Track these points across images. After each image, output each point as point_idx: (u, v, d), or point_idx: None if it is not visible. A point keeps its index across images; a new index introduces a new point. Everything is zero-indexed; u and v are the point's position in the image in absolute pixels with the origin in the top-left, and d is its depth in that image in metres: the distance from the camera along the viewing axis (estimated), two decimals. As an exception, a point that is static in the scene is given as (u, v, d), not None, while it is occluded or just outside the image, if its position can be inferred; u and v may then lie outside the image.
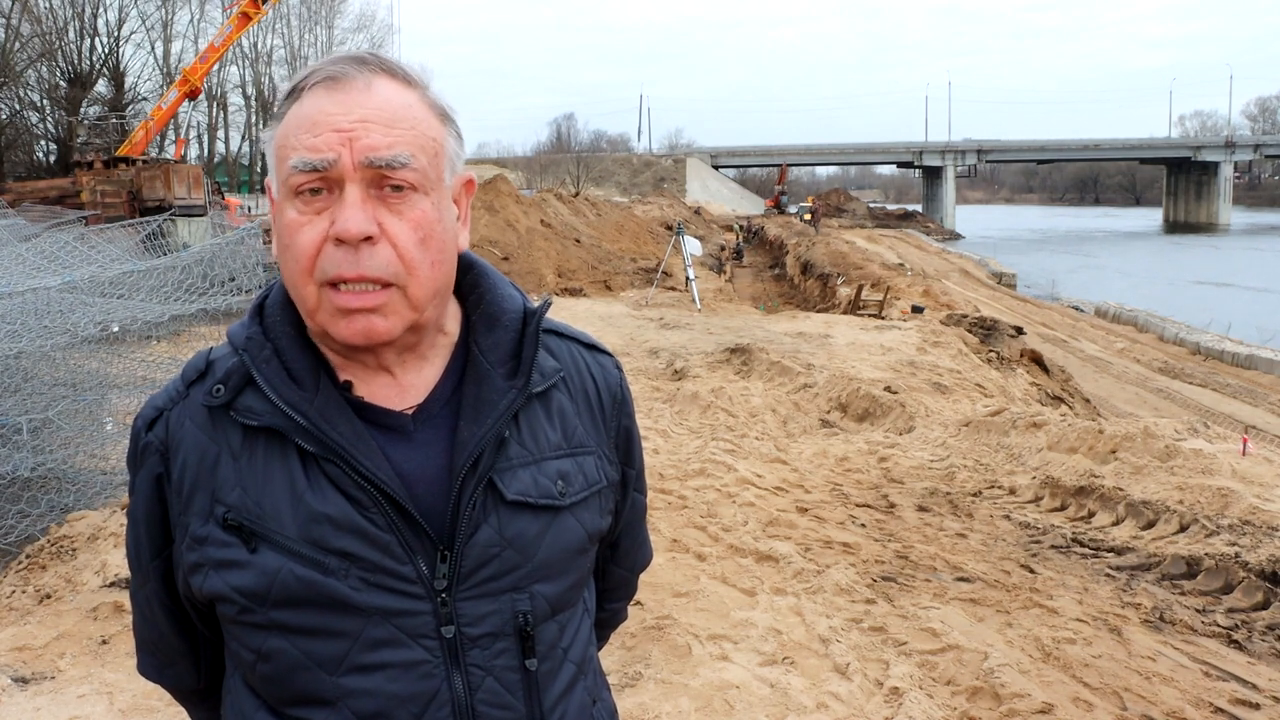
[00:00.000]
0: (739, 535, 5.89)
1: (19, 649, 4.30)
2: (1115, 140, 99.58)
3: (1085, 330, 25.38)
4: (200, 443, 1.14)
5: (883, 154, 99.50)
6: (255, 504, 1.10)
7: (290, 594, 1.09)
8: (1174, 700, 3.95)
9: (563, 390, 1.24)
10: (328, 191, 1.09)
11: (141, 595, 1.25)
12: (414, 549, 1.10)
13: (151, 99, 46.11)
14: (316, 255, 1.09)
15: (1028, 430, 8.47)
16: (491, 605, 1.13)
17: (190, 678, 1.30)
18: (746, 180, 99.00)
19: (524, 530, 1.15)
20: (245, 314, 1.21)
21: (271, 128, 1.14)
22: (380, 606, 1.09)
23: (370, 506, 1.10)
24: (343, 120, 1.08)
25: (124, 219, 21.52)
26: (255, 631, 1.12)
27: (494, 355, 1.18)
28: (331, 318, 1.10)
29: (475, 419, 1.15)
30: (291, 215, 1.10)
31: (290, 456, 1.11)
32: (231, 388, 1.13)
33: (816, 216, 50.36)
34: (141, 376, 7.61)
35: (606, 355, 1.34)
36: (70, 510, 5.89)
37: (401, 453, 1.13)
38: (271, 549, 1.09)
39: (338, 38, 70.95)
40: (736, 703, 3.88)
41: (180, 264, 7.79)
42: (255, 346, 1.14)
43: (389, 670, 1.10)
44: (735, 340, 13.75)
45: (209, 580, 1.12)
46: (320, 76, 1.11)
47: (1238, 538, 5.71)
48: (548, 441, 1.20)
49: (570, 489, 1.20)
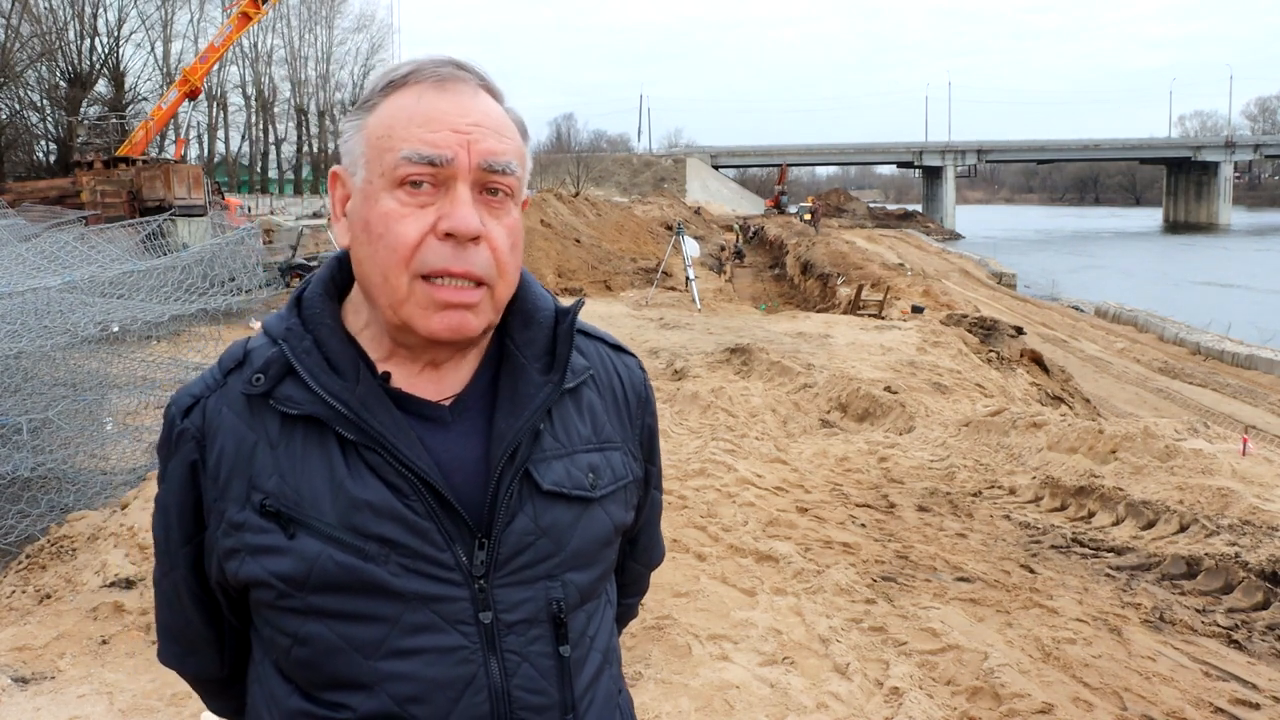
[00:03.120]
0: (739, 535, 5.89)
1: (19, 649, 4.30)
2: (1115, 140, 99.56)
3: (1085, 330, 25.38)
4: (238, 430, 1.15)
5: (883, 154, 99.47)
6: (293, 491, 1.12)
7: (330, 579, 1.10)
8: (1174, 700, 3.95)
9: (591, 387, 1.28)
10: (433, 187, 1.11)
11: (167, 582, 1.26)
12: (452, 536, 1.13)
13: (151, 99, 46.13)
14: (417, 248, 1.10)
15: (1028, 430, 8.47)
16: (527, 592, 1.15)
17: (214, 666, 1.31)
18: (746, 180, 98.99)
19: (558, 519, 1.18)
20: (285, 307, 1.22)
21: (357, 117, 1.16)
22: (419, 592, 1.11)
23: (410, 494, 1.12)
24: (460, 121, 1.12)
25: (124, 219, 21.53)
26: (293, 616, 1.13)
27: (529, 351, 1.21)
28: (422, 310, 1.12)
29: (512, 411, 1.18)
30: (391, 205, 1.11)
31: (329, 445, 1.13)
32: (271, 377, 1.14)
33: (816, 216, 50.31)
34: (141, 376, 7.62)
35: (631, 356, 1.38)
36: (70, 510, 5.89)
37: (439, 442, 1.15)
38: (310, 535, 1.11)
39: (337, 38, 71.01)
40: (736, 703, 3.88)
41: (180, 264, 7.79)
42: (295, 337, 1.16)
43: (427, 655, 1.12)
44: (735, 340, 13.75)
45: (245, 566, 1.13)
46: (427, 76, 1.14)
47: (1238, 538, 5.71)
48: (579, 435, 1.23)
49: (600, 481, 1.23)
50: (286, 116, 68.20)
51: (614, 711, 1.27)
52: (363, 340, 1.18)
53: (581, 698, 1.20)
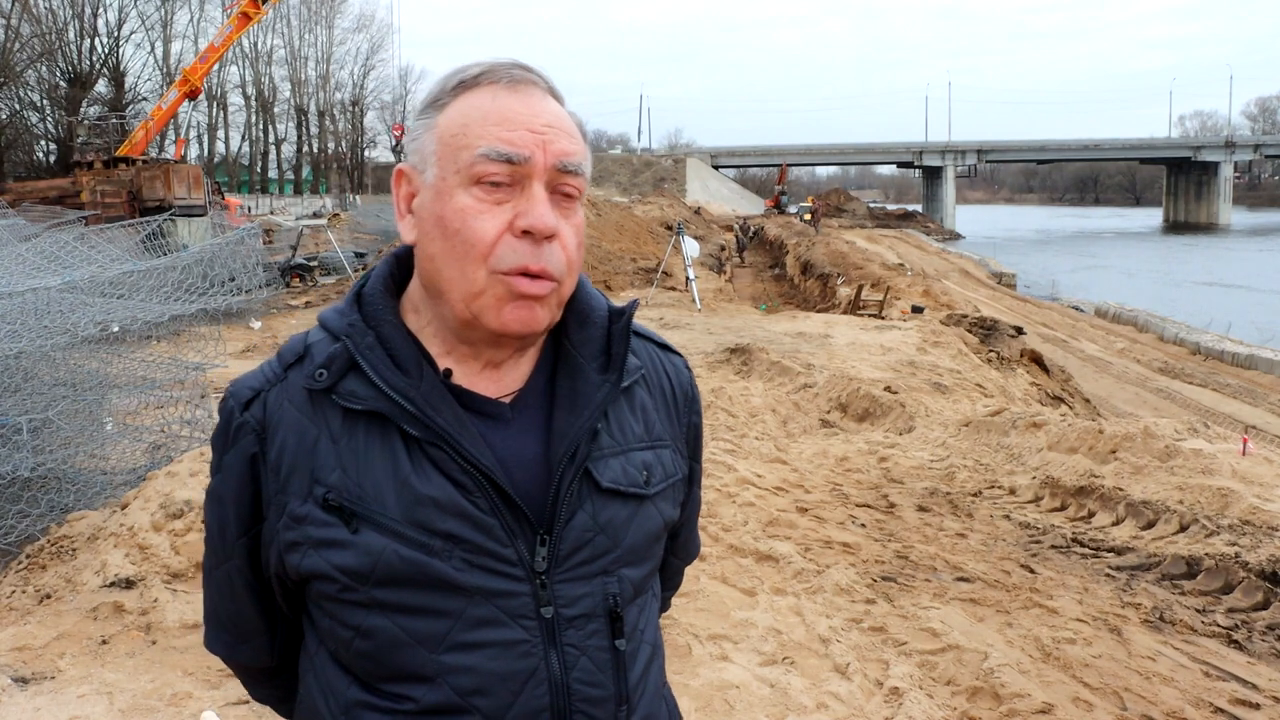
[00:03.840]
0: (739, 535, 5.89)
1: (19, 649, 4.30)
2: (1115, 140, 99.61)
3: (1085, 330, 25.39)
4: (300, 424, 1.17)
5: (883, 154, 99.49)
6: (356, 485, 1.13)
7: (394, 573, 1.12)
8: (1174, 700, 3.95)
9: (642, 386, 1.30)
10: (509, 185, 1.13)
11: (221, 572, 1.27)
12: (515, 532, 1.15)
13: (151, 99, 46.16)
14: (494, 244, 1.12)
15: (1028, 430, 8.47)
16: (585, 587, 1.18)
17: (264, 655, 1.32)
18: (746, 180, 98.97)
19: (615, 516, 1.21)
20: (342, 302, 1.23)
21: (428, 116, 1.18)
22: (482, 587, 1.13)
23: (474, 490, 1.13)
24: (535, 122, 1.14)
25: (124, 219, 21.55)
26: (355, 609, 1.14)
27: (586, 350, 1.24)
28: (496, 303, 1.13)
29: (572, 409, 1.20)
30: (467, 201, 1.13)
31: (393, 440, 1.14)
32: (334, 372, 1.16)
33: (816, 216, 50.29)
34: (141, 376, 7.61)
35: (678, 355, 1.40)
36: (70, 510, 5.88)
37: (500, 439, 1.17)
38: (374, 530, 1.12)
39: (337, 38, 71.09)
40: (736, 703, 3.88)
41: (180, 264, 7.78)
42: (358, 333, 1.17)
43: (489, 649, 1.13)
44: (735, 340, 13.74)
45: (308, 559, 1.15)
46: (499, 77, 1.16)
47: (1238, 538, 5.71)
48: (633, 433, 1.26)
49: (653, 479, 1.26)
50: (286, 116, 68.26)
51: (660, 703, 1.30)
52: (423, 337, 1.19)
53: (634, 689, 1.22)
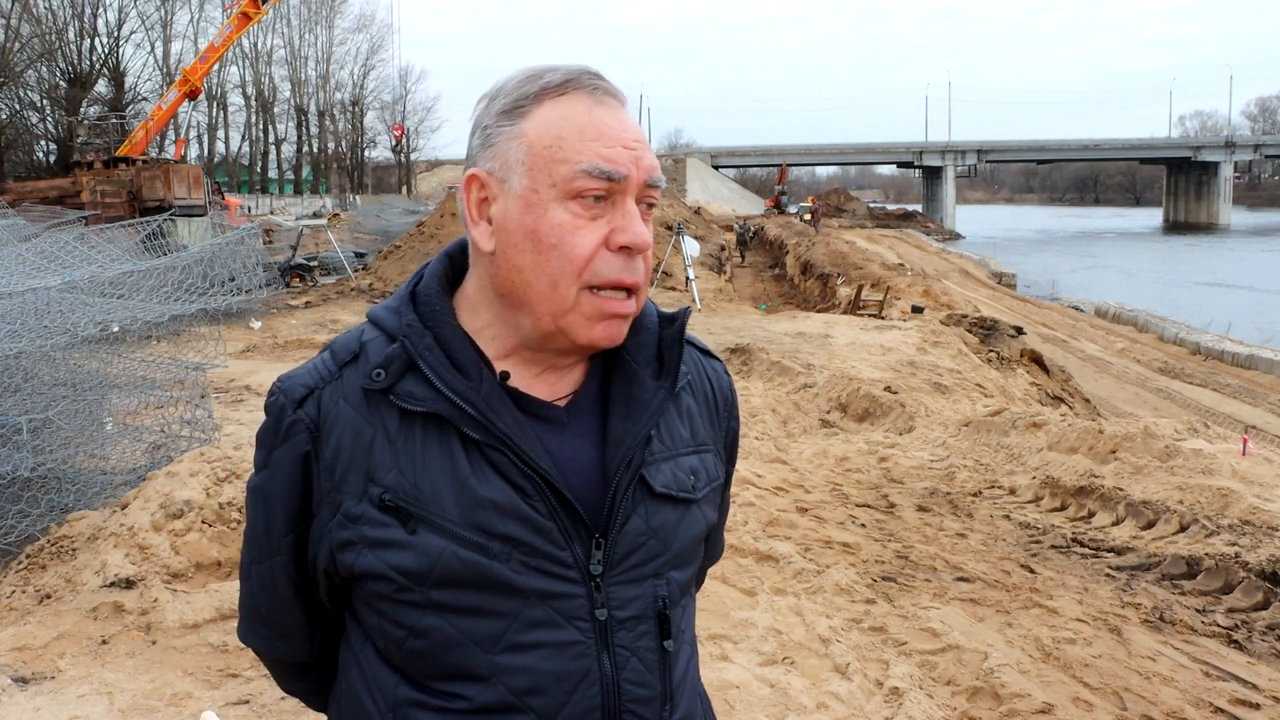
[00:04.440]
0: (739, 535, 5.89)
1: (19, 649, 4.30)
2: (1115, 140, 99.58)
3: (1085, 330, 25.39)
4: (355, 423, 1.16)
5: (883, 154, 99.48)
6: (413, 486, 1.13)
7: (453, 575, 1.13)
8: (1174, 700, 3.95)
9: (688, 392, 1.31)
10: (605, 200, 1.14)
11: (264, 568, 1.26)
12: (571, 535, 1.15)
13: (151, 99, 46.15)
14: (591, 259, 1.13)
15: (1028, 430, 8.47)
16: (637, 590, 1.19)
17: (303, 650, 1.33)
18: (746, 180, 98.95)
19: (666, 521, 1.22)
20: (394, 300, 1.23)
21: (510, 122, 1.16)
22: (539, 589, 1.14)
23: (533, 494, 1.14)
24: (627, 138, 1.15)
25: (124, 219, 21.54)
26: (411, 609, 1.15)
27: (639, 356, 1.24)
28: (586, 319, 1.15)
29: (628, 415, 1.21)
30: (564, 216, 1.13)
31: (451, 442, 1.15)
32: (393, 373, 1.15)
33: (816, 216, 50.24)
34: (141, 376, 7.61)
35: (718, 360, 1.41)
36: (70, 510, 5.88)
37: (556, 443, 1.18)
38: (432, 531, 1.13)
39: (338, 38, 71.06)
40: (736, 703, 3.88)
41: (180, 264, 7.78)
42: (416, 334, 1.17)
43: (544, 650, 1.14)
44: (735, 340, 13.75)
45: (363, 558, 1.15)
46: (584, 85, 1.16)
47: (1238, 538, 5.71)
48: (680, 438, 1.27)
49: (699, 483, 1.27)
50: (286, 116, 68.23)
51: (696, 700, 1.33)
52: (480, 340, 1.20)
53: (677, 688, 1.24)
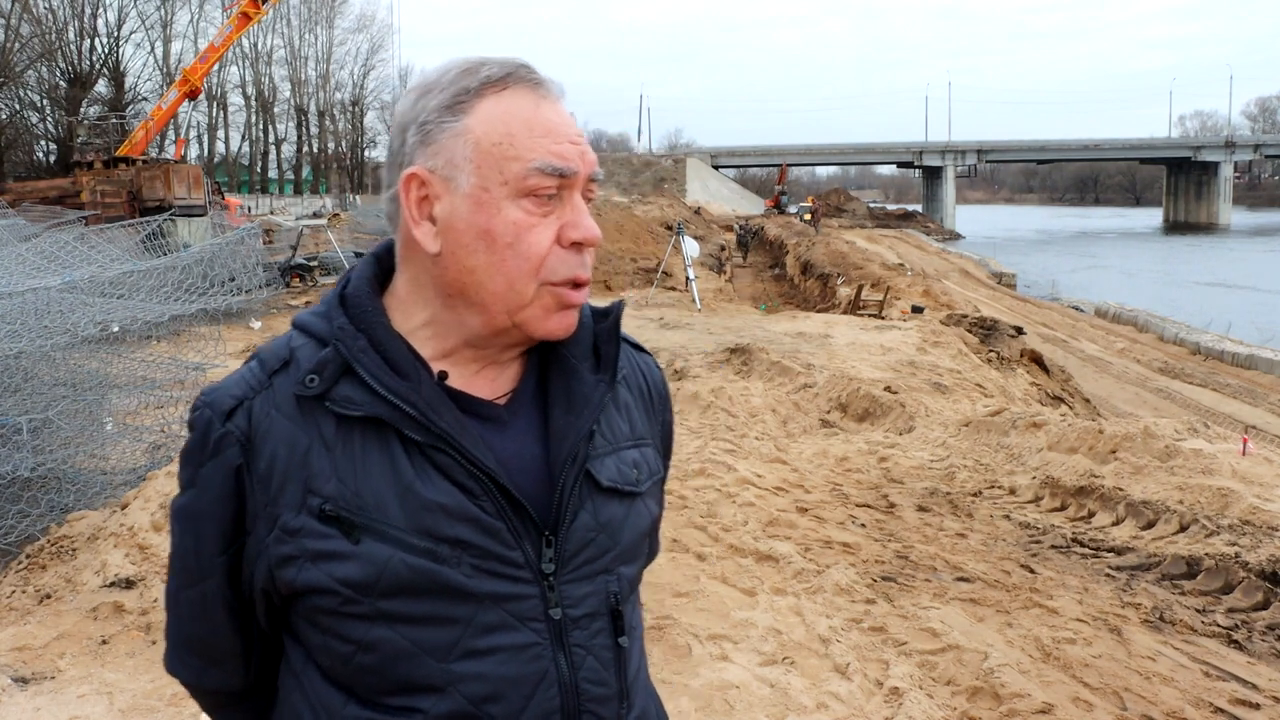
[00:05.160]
0: (739, 535, 5.89)
1: (19, 649, 4.30)
2: (1115, 140, 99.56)
3: (1085, 330, 25.38)
4: (289, 433, 1.13)
5: (883, 154, 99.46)
6: (354, 494, 1.10)
7: (401, 583, 1.10)
8: (1174, 700, 3.95)
9: (624, 386, 1.31)
10: (554, 196, 1.14)
11: (194, 593, 1.21)
12: (521, 535, 1.14)
13: (151, 99, 46.16)
14: (546, 256, 1.13)
15: (1028, 430, 8.47)
16: (590, 587, 1.18)
17: (238, 677, 1.27)
18: (746, 180, 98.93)
19: (613, 515, 1.21)
20: (322, 305, 1.20)
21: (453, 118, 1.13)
22: (491, 592, 1.12)
23: (481, 494, 1.12)
24: (572, 133, 1.15)
25: (124, 219, 21.55)
26: (358, 622, 1.11)
27: (577, 350, 1.23)
28: (544, 314, 1.15)
29: (570, 409, 1.20)
30: (518, 215, 1.13)
31: (392, 446, 1.12)
32: (327, 378, 1.12)
33: (816, 216, 50.23)
34: (141, 376, 7.62)
35: (649, 355, 1.41)
36: (70, 510, 5.89)
37: (499, 441, 1.16)
38: (377, 539, 1.09)
39: (338, 38, 71.08)
40: (736, 703, 3.88)
41: (180, 264, 7.79)
42: (349, 337, 1.14)
43: (500, 654, 1.12)
44: (735, 340, 13.74)
45: (305, 572, 1.11)
46: (525, 81, 1.15)
47: (1238, 538, 5.71)
48: (621, 432, 1.26)
49: (642, 477, 1.27)
50: (286, 116, 68.26)
51: (650, 697, 1.31)
52: (415, 340, 1.17)
53: (631, 684, 1.23)
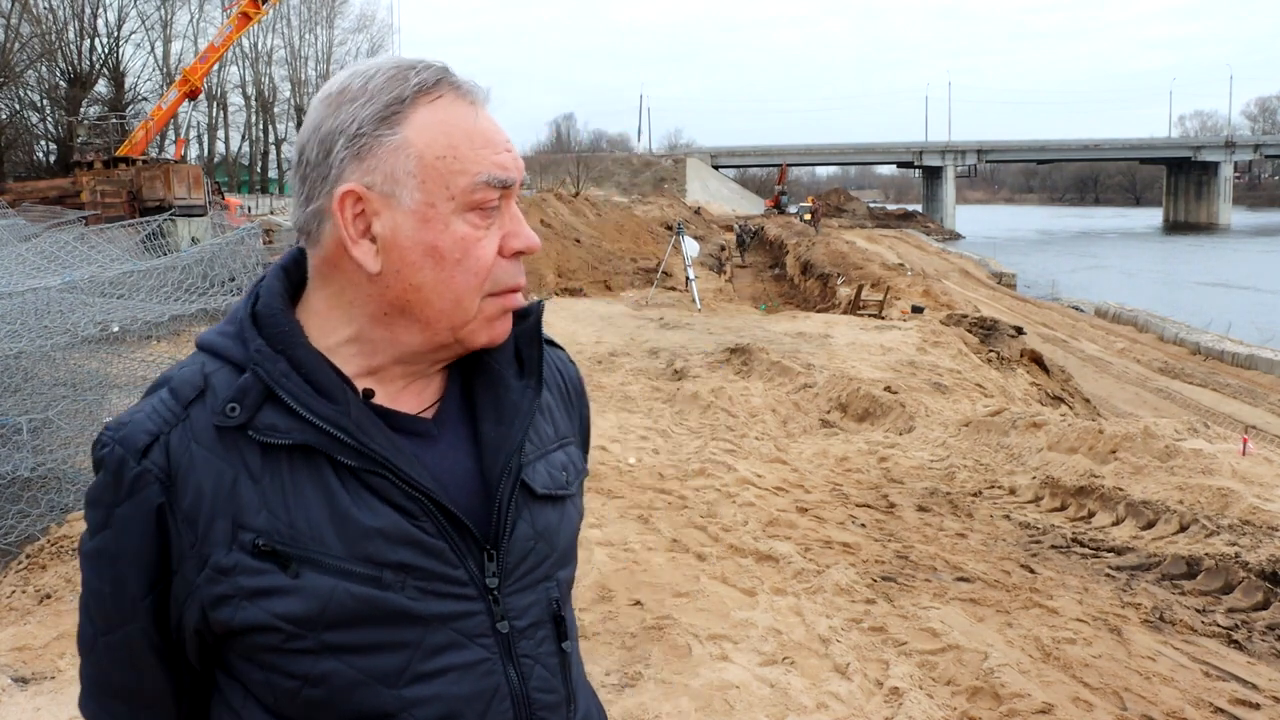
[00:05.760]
0: (739, 535, 5.89)
1: (19, 649, 4.30)
2: (1115, 140, 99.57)
3: (1085, 330, 25.38)
4: (213, 466, 1.07)
5: (883, 154, 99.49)
6: (288, 526, 1.06)
7: (346, 614, 1.06)
8: (1174, 700, 3.95)
9: (545, 386, 1.27)
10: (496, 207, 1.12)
11: (115, 638, 1.13)
12: (463, 552, 1.11)
13: (151, 99, 46.13)
14: (491, 268, 1.12)
15: (1028, 430, 8.47)
16: (532, 596, 1.17)
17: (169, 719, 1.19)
18: (746, 180, 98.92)
19: (549, 522, 1.19)
20: (230, 324, 1.13)
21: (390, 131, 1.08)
22: (438, 613, 1.10)
23: (420, 515, 1.09)
24: (504, 139, 1.13)
25: (124, 219, 21.53)
26: (302, 657, 1.06)
27: (500, 356, 1.19)
28: (487, 323, 1.13)
29: (500, 420, 1.17)
30: (465, 229, 1.10)
31: (324, 473, 1.07)
32: (249, 406, 1.06)
33: (816, 217, 50.26)
34: (141, 376, 7.61)
35: (562, 349, 1.37)
36: (70, 510, 5.89)
37: (431, 457, 1.13)
38: (317, 571, 1.05)
39: (338, 38, 70.98)
40: (736, 703, 3.88)
41: (180, 264, 7.79)
42: (267, 360, 1.08)
43: (451, 674, 1.10)
44: (735, 340, 13.74)
45: (242, 611, 1.05)
46: (455, 86, 1.11)
47: (1238, 538, 5.71)
48: (547, 435, 1.24)
49: (571, 478, 1.25)
50: (286, 116, 68.18)
51: (591, 696, 1.31)
52: (337, 358, 1.11)
53: (576, 688, 1.22)
